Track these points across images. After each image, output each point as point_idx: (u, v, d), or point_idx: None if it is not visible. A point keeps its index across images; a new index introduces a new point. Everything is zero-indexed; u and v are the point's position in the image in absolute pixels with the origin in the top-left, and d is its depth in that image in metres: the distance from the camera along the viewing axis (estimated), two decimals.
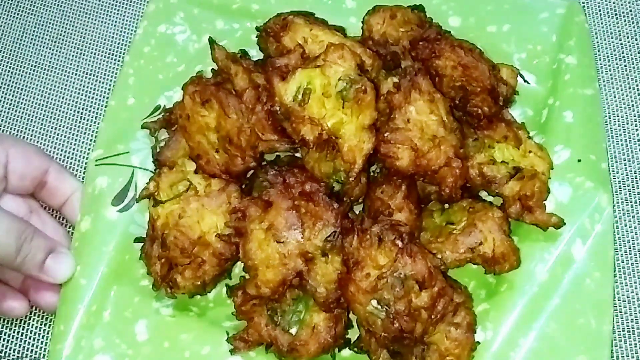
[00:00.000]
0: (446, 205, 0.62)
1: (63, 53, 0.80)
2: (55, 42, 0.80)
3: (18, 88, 0.78)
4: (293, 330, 0.56)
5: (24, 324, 0.66)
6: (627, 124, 0.72)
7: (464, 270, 0.60)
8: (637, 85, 0.73)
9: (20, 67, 0.79)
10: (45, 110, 0.77)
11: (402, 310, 0.50)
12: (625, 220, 0.68)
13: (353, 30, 0.69)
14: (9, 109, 0.77)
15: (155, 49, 0.71)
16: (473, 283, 0.61)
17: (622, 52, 0.75)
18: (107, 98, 0.76)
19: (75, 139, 0.75)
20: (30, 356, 0.65)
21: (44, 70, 0.79)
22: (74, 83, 0.78)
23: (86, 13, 0.82)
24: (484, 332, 0.57)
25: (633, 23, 0.77)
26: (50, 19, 0.82)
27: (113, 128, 0.67)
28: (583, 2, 0.77)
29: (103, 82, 0.78)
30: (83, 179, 0.65)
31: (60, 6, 0.82)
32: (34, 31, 0.81)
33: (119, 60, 0.79)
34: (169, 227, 0.58)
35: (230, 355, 0.58)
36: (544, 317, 0.57)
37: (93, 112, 0.76)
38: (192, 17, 0.72)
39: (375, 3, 0.67)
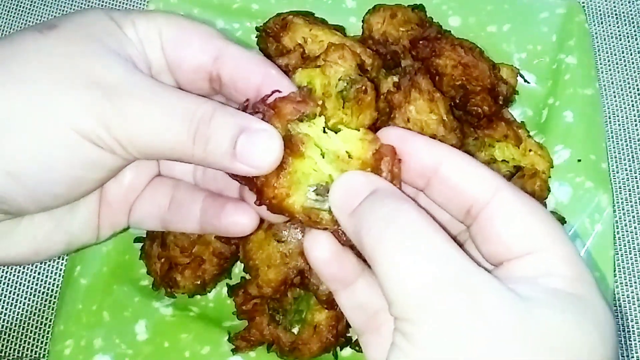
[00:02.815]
0: None
1: None
2: None
3: None
4: (295, 330, 0.56)
5: (24, 324, 0.66)
6: (627, 124, 0.72)
7: None
8: (637, 85, 0.73)
9: None
10: None
11: None
12: (625, 220, 0.68)
13: (353, 30, 0.69)
14: None
15: None
16: None
17: (622, 53, 0.75)
18: None
19: None
20: (30, 356, 0.65)
21: None
22: None
23: None
24: None
25: (633, 23, 0.77)
26: (51, 19, 0.82)
27: None
28: (583, 3, 0.77)
29: None
30: None
31: (61, 6, 0.82)
32: None
33: None
34: None
35: (230, 355, 0.58)
36: None
37: None
38: (192, 17, 0.72)
39: (375, 2, 0.67)
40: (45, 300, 0.67)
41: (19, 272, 0.68)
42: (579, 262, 0.32)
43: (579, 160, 0.63)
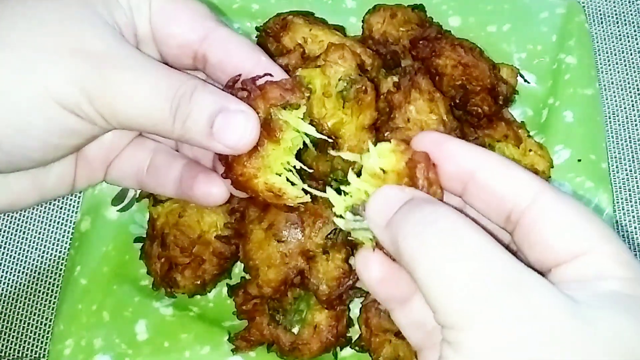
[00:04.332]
0: None
1: None
2: None
3: None
4: (295, 330, 0.56)
5: (24, 324, 0.66)
6: (627, 124, 0.72)
7: None
8: (637, 85, 0.73)
9: None
10: None
11: None
12: (625, 220, 0.68)
13: (353, 30, 0.69)
14: None
15: None
16: None
17: (622, 52, 0.75)
18: None
19: None
20: (30, 356, 0.65)
21: None
22: None
23: None
24: None
25: (633, 23, 0.77)
26: None
27: None
28: (583, 3, 0.77)
29: None
30: None
31: None
32: None
33: None
34: (169, 227, 0.58)
35: (230, 355, 0.58)
36: None
37: None
38: None
39: (375, 2, 0.67)
40: (45, 300, 0.67)
41: (19, 273, 0.68)
42: (632, 261, 0.30)
43: (579, 160, 0.63)
